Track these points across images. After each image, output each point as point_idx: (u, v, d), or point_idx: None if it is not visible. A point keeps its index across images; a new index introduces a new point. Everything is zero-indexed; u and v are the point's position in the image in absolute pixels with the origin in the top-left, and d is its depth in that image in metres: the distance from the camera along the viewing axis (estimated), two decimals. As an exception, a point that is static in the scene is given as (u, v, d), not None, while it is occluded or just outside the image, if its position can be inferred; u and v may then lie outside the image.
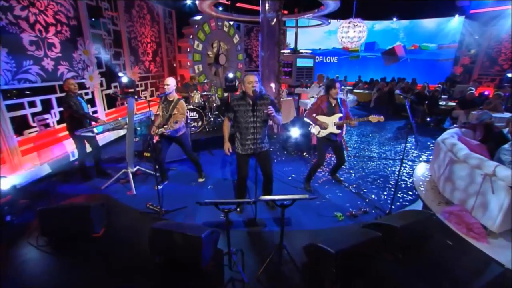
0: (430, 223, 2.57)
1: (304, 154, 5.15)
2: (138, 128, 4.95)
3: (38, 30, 3.98)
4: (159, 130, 3.32)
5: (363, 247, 2.12)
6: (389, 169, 4.54)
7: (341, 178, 4.09)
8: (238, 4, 9.72)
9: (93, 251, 2.54)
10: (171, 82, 3.42)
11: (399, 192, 3.65)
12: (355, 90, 11.28)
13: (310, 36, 14.61)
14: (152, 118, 4.32)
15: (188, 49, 8.11)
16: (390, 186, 3.89)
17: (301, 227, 2.94)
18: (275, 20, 5.82)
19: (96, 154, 3.99)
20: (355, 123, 3.36)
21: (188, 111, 5.40)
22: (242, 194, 3.15)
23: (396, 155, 5.24)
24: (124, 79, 5.40)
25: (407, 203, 3.41)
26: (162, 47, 8.02)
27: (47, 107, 4.18)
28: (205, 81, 7.18)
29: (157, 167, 3.63)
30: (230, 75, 7.57)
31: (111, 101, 5.68)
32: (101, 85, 5.46)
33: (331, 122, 3.43)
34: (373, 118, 3.29)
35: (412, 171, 4.40)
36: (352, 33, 6.53)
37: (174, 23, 8.54)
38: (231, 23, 9.67)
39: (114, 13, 5.84)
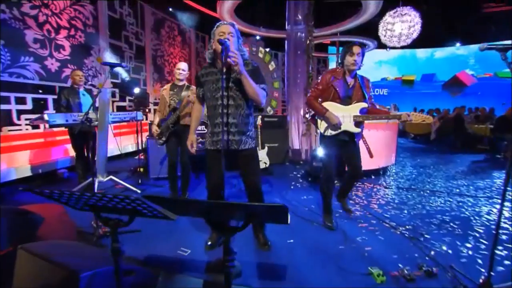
0: None
1: (335, 182, 3.83)
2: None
3: (46, 30, 3.94)
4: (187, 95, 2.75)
5: None
6: (469, 209, 2.93)
7: (380, 211, 2.69)
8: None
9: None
10: (185, 67, 2.92)
11: (500, 248, 2.09)
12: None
13: (355, 67, 13.73)
14: (142, 118, 3.74)
15: (219, 73, 7.94)
16: (477, 235, 2.33)
17: (304, 286, 1.67)
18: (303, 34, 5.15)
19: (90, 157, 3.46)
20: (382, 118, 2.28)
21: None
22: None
23: (479, 191, 3.55)
24: (136, 90, 5.13)
25: (521, 269, 1.84)
26: (192, 69, 7.99)
27: (40, 107, 3.92)
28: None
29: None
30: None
31: (122, 113, 5.42)
32: (113, 96, 5.26)
33: (348, 116, 2.26)
34: (417, 116, 2.13)
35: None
36: (399, 27, 5.29)
37: (207, 48, 8.62)
38: (267, 49, 9.48)
39: (139, 30, 5.93)
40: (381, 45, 9.65)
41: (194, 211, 1.00)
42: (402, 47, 12.30)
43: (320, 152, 4.03)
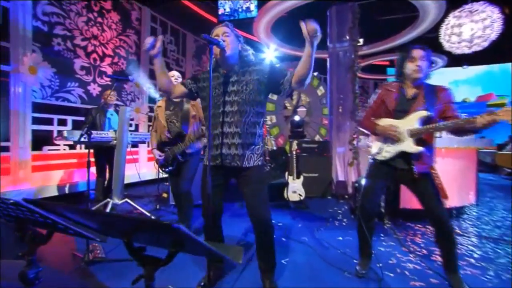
0: None
1: (385, 221, 3.22)
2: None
3: (92, 59, 4.57)
4: (179, 148, 2.60)
5: None
6: None
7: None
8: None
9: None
10: (179, 75, 2.71)
11: None
12: (500, 152, 7.99)
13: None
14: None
15: (261, 99, 8.04)
16: None
17: None
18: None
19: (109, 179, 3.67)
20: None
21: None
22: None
23: None
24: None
25: None
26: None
27: (78, 128, 4.40)
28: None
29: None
30: (297, 118, 6.73)
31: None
32: (150, 120, 5.66)
33: (404, 130, 1.82)
34: (507, 111, 1.55)
35: None
36: (469, 29, 4.39)
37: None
38: (315, 73, 9.39)
39: (180, 56, 6.50)
40: (453, 62, 8.62)
41: (99, 226, 0.80)
42: (488, 63, 10.84)
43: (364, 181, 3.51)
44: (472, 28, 4.28)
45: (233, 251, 0.75)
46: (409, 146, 1.79)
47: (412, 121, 1.81)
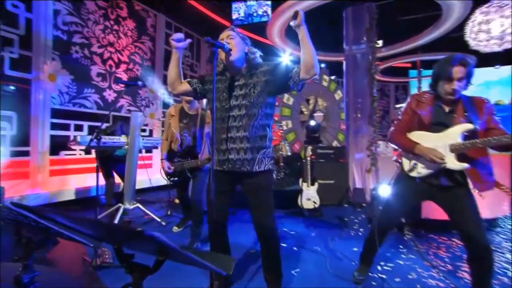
0: None
1: (405, 232, 3.06)
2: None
3: (108, 65, 4.75)
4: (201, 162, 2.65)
5: None
6: None
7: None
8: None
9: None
10: None
11: None
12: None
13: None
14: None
15: (276, 103, 8.00)
16: None
17: None
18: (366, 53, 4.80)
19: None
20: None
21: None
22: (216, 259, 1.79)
23: None
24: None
25: None
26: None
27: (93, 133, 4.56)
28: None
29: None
30: (312, 122, 6.62)
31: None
32: (163, 125, 5.79)
33: (442, 146, 1.64)
34: None
35: None
36: (498, 25, 4.09)
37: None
38: (333, 77, 9.28)
39: (195, 62, 6.63)
40: (483, 61, 8.20)
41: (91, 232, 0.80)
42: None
43: (386, 191, 3.35)
44: (502, 24, 3.98)
45: (222, 261, 0.72)
46: (452, 162, 1.60)
47: (454, 135, 1.63)
